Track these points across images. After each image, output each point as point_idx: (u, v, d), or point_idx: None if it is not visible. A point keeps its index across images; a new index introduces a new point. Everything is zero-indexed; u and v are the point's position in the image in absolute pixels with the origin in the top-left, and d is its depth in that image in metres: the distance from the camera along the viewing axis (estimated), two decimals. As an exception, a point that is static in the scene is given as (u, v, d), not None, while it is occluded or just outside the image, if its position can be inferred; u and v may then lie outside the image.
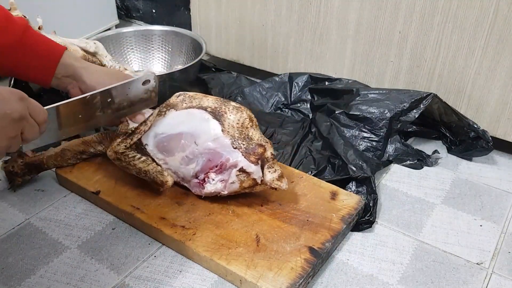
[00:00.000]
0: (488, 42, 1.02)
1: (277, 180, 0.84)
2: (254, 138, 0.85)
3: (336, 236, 0.83)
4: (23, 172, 0.96)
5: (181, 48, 1.35)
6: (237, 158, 0.83)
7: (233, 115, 0.85)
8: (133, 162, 0.86)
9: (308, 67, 1.29)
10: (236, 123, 0.85)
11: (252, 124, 0.86)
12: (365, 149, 1.05)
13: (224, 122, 0.85)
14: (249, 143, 0.84)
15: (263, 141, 0.85)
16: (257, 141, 0.84)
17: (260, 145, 0.84)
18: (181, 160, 0.86)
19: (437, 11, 1.05)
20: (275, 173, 0.84)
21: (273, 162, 0.84)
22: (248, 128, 0.85)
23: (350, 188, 0.96)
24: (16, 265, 0.81)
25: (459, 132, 1.09)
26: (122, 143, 0.87)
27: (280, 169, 0.85)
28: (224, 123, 0.85)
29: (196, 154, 0.86)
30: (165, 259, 0.83)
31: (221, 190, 0.85)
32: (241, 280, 0.76)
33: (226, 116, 0.85)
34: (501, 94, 1.05)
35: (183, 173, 0.87)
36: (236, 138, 0.84)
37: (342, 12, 1.17)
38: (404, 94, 1.08)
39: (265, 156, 0.83)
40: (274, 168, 0.84)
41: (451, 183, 1.03)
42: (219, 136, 0.84)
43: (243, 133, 0.85)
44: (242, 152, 0.83)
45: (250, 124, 0.86)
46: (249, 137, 0.85)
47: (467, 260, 0.84)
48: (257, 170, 0.83)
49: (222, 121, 0.85)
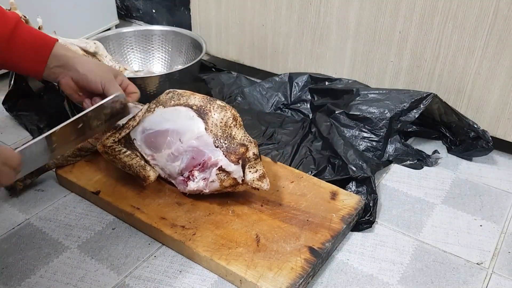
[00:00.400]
0: (488, 42, 1.02)
1: (258, 180, 0.83)
2: (237, 137, 0.84)
3: (336, 236, 0.83)
4: (25, 176, 0.95)
5: (181, 48, 1.35)
6: (218, 157, 0.83)
7: (217, 114, 0.85)
8: (119, 156, 0.88)
9: (308, 67, 1.29)
10: (219, 121, 0.85)
11: (236, 123, 0.85)
12: (365, 149, 1.05)
13: (208, 121, 0.85)
14: (231, 142, 0.84)
15: (246, 141, 0.84)
16: (239, 140, 0.84)
17: (242, 145, 0.83)
18: (167, 157, 0.87)
19: (437, 11, 1.05)
20: (256, 173, 0.83)
21: (255, 162, 0.84)
22: (232, 127, 0.85)
23: (350, 188, 0.96)
24: (16, 265, 0.81)
25: (459, 132, 1.09)
26: (110, 137, 0.88)
27: (263, 169, 0.85)
28: (208, 122, 0.85)
29: (181, 152, 0.86)
30: (165, 259, 0.83)
31: (203, 188, 0.85)
32: (241, 280, 0.76)
33: (210, 115, 0.85)
34: (501, 94, 1.05)
35: (169, 170, 0.88)
36: (218, 137, 0.84)
37: (342, 12, 1.17)
38: (404, 94, 1.08)
39: (246, 156, 0.83)
40: (255, 168, 0.84)
41: (451, 183, 1.03)
42: (203, 134, 0.85)
43: (226, 132, 0.84)
44: (223, 151, 0.83)
45: (234, 124, 0.85)
46: (232, 136, 0.84)
47: (467, 260, 0.84)
48: (237, 169, 0.82)
49: (206, 119, 0.85)
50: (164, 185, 0.92)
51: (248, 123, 1.16)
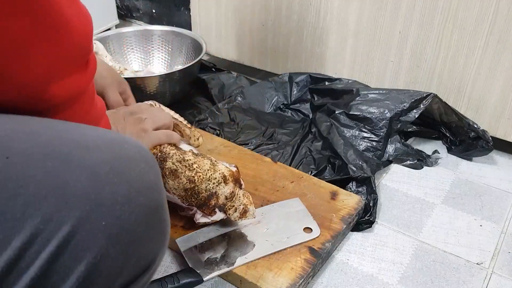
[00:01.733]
0: (488, 42, 1.02)
1: (241, 217, 0.80)
2: (202, 191, 0.78)
3: (336, 236, 0.83)
4: None
5: (181, 48, 1.35)
6: (193, 210, 0.81)
7: (171, 181, 0.78)
8: None
9: (308, 67, 1.29)
10: (177, 186, 0.78)
11: (195, 184, 0.77)
12: (365, 149, 1.05)
13: (166, 185, 0.79)
14: (198, 199, 0.78)
15: (213, 188, 0.78)
16: (206, 193, 0.78)
17: (210, 196, 0.78)
18: None
19: (437, 11, 1.05)
20: (236, 212, 0.80)
21: (232, 201, 0.79)
22: (192, 188, 0.78)
23: (350, 188, 0.96)
24: (16, 265, 0.81)
25: (459, 132, 1.10)
26: None
27: (243, 202, 0.80)
28: (166, 186, 0.79)
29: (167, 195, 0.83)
30: (165, 259, 0.83)
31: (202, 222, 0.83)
32: (241, 280, 0.76)
33: (165, 181, 0.78)
34: (501, 94, 1.05)
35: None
36: (184, 197, 0.79)
37: (342, 12, 1.17)
38: (404, 94, 1.08)
39: (219, 203, 0.79)
40: (234, 207, 0.79)
41: (451, 183, 1.03)
42: (169, 195, 0.80)
43: (188, 192, 0.78)
44: (197, 208, 0.80)
45: (193, 185, 0.77)
46: (197, 192, 0.78)
47: (467, 260, 0.84)
48: (217, 216, 0.80)
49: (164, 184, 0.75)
50: (164, 185, 0.91)
51: (248, 123, 1.16)
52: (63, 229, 0.39)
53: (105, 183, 0.41)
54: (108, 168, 0.42)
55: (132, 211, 0.42)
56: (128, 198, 0.42)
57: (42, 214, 0.38)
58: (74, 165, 0.41)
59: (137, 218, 0.43)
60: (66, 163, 0.41)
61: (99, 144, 0.44)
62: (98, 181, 0.41)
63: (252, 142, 1.10)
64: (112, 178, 0.42)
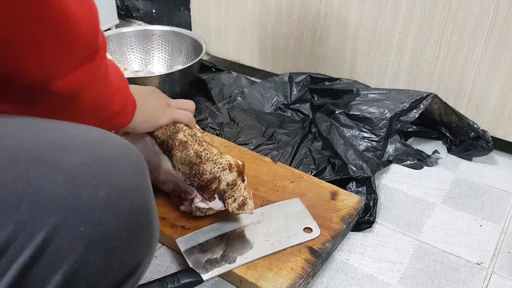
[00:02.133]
0: (488, 42, 1.02)
1: (239, 209, 0.80)
2: (206, 171, 0.78)
3: (336, 236, 0.83)
4: None
5: (181, 48, 1.35)
6: (193, 193, 0.81)
7: (179, 152, 0.78)
8: None
9: (308, 67, 1.29)
10: (183, 160, 0.79)
11: (201, 159, 0.78)
12: (365, 149, 1.05)
13: (173, 159, 0.80)
14: (201, 180, 0.79)
15: (217, 172, 0.79)
16: (210, 174, 0.78)
17: (213, 179, 0.78)
18: (154, 180, 0.83)
19: (437, 11, 1.05)
20: (235, 202, 0.80)
21: (232, 190, 0.79)
22: (198, 164, 0.78)
23: (350, 188, 0.95)
24: (16, 265, 0.81)
25: (459, 132, 1.10)
26: None
27: (243, 194, 0.80)
28: (173, 160, 0.80)
29: (163, 180, 0.85)
30: (165, 259, 0.83)
31: (193, 212, 0.84)
32: (241, 280, 0.76)
33: (174, 153, 0.79)
34: (501, 94, 1.05)
35: (161, 188, 0.88)
36: (187, 175, 0.79)
37: (342, 12, 1.17)
38: (404, 94, 1.08)
39: (220, 189, 0.79)
40: (234, 197, 0.80)
41: (451, 183, 1.03)
42: (172, 172, 0.81)
43: (193, 169, 0.79)
44: (196, 189, 0.80)
45: (199, 161, 0.78)
46: (201, 172, 0.78)
47: (467, 260, 0.84)
48: (214, 204, 0.80)
49: (170, 157, 0.80)
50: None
51: (248, 123, 1.16)
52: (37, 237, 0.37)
53: (83, 186, 0.40)
54: (86, 170, 0.40)
55: (113, 215, 0.40)
56: (108, 201, 0.40)
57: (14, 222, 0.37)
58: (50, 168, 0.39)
59: (118, 222, 0.41)
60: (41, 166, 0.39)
61: (77, 144, 0.42)
62: (76, 185, 0.39)
63: (252, 142, 1.10)
64: (91, 181, 0.40)
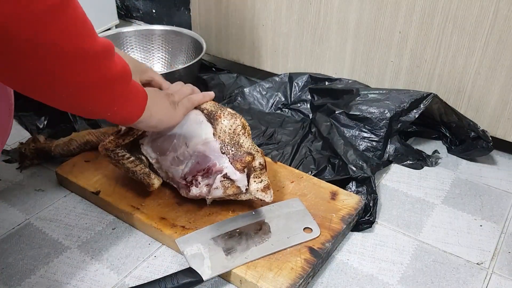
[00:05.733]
0: (488, 42, 1.02)
1: (262, 191, 0.82)
2: (244, 146, 0.83)
3: (336, 236, 0.83)
4: (33, 156, 1.02)
5: (181, 48, 1.35)
6: (223, 164, 0.82)
7: (227, 120, 0.83)
8: (122, 161, 0.87)
9: (308, 67, 1.29)
10: (228, 128, 0.83)
11: (245, 132, 0.84)
12: (365, 149, 1.05)
13: (217, 126, 0.84)
14: (238, 150, 0.82)
15: (253, 150, 0.83)
16: (246, 149, 0.82)
17: (249, 154, 0.82)
18: (171, 160, 0.86)
19: (437, 11, 1.05)
20: (260, 183, 0.82)
21: (261, 172, 0.83)
22: (240, 135, 0.83)
23: (350, 188, 0.96)
24: (16, 265, 0.81)
25: (459, 132, 1.10)
26: (113, 141, 0.87)
27: (268, 180, 0.83)
28: (216, 127, 0.84)
29: (186, 156, 0.85)
30: (165, 259, 0.83)
31: (205, 194, 0.84)
32: (241, 280, 0.76)
33: (220, 121, 0.83)
34: (501, 94, 1.05)
35: (172, 173, 0.87)
36: (225, 144, 0.83)
37: (342, 12, 1.17)
38: (404, 94, 1.08)
39: (252, 165, 0.82)
40: (260, 179, 0.82)
41: (451, 183, 1.03)
42: (210, 140, 0.83)
43: (233, 139, 0.83)
44: (230, 158, 0.82)
45: (243, 132, 0.84)
46: (240, 144, 0.83)
47: (467, 260, 0.84)
48: (241, 178, 0.81)
49: (215, 125, 0.84)
50: (164, 185, 0.92)
51: (248, 123, 1.16)
52: None
53: None
54: None
55: None
56: None
57: None
58: None
59: None
60: None
61: None
62: None
63: (252, 142, 1.10)
64: None
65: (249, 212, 0.86)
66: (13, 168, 1.03)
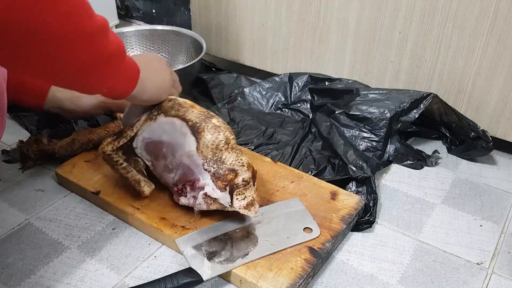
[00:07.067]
0: (488, 42, 1.02)
1: (245, 208, 0.80)
2: (227, 162, 0.81)
3: (336, 236, 0.83)
4: (36, 158, 1.02)
5: (181, 48, 1.35)
6: (205, 180, 0.81)
7: (210, 135, 0.81)
8: (116, 166, 0.88)
9: (308, 67, 1.29)
10: (211, 144, 0.81)
11: (228, 146, 0.82)
12: (365, 149, 1.05)
13: (200, 141, 0.82)
14: (220, 167, 0.80)
15: (237, 166, 0.81)
16: (229, 165, 0.81)
17: (231, 170, 0.80)
18: (163, 167, 0.87)
19: (437, 11, 1.05)
20: (243, 200, 0.80)
21: (245, 188, 0.81)
22: (222, 151, 0.81)
23: (350, 188, 0.96)
24: (16, 265, 0.81)
25: (459, 132, 1.10)
26: (110, 144, 0.88)
27: (253, 195, 0.81)
28: (199, 141, 0.82)
29: (174, 166, 0.85)
30: (165, 259, 0.83)
31: (192, 205, 0.84)
32: (241, 280, 0.76)
33: (203, 135, 0.82)
34: (501, 94, 1.05)
35: (165, 179, 0.88)
36: (208, 160, 0.81)
37: (342, 12, 1.17)
38: (404, 94, 1.08)
39: (235, 182, 0.80)
40: (244, 195, 0.81)
41: (451, 183, 1.03)
42: (193, 154, 0.82)
43: (216, 155, 0.81)
44: (211, 176, 0.81)
45: (225, 147, 0.82)
46: (222, 160, 0.81)
47: (467, 260, 0.84)
48: (223, 196, 0.80)
49: (198, 139, 0.82)
50: (164, 185, 0.92)
51: (248, 123, 1.16)
52: None
53: None
54: None
55: None
56: None
57: None
58: None
59: None
60: None
61: None
62: None
63: (252, 142, 1.10)
64: None
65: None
66: (13, 168, 1.03)
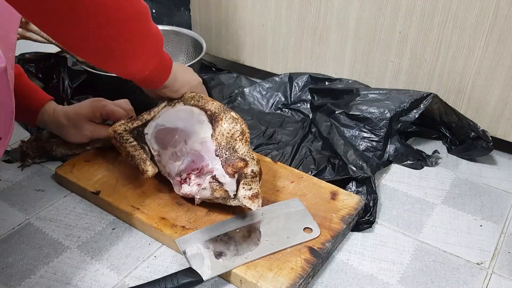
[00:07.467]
0: (488, 42, 1.02)
1: (249, 199, 0.81)
2: (239, 151, 0.83)
3: (336, 236, 0.83)
4: (34, 155, 1.02)
5: (181, 48, 1.35)
6: (215, 165, 0.83)
7: (227, 124, 0.85)
8: (125, 144, 0.89)
9: (308, 67, 1.29)
10: (227, 132, 0.84)
11: (242, 138, 0.84)
12: (365, 149, 1.05)
13: (216, 129, 0.85)
14: (232, 155, 0.83)
15: (248, 157, 0.82)
16: (241, 155, 0.82)
17: (242, 159, 0.82)
18: (170, 155, 0.88)
19: (437, 11, 1.05)
20: (249, 191, 0.81)
21: (252, 180, 0.82)
22: (237, 141, 0.84)
23: (350, 188, 0.96)
24: (16, 265, 0.81)
25: (459, 132, 1.10)
26: (122, 125, 0.91)
27: (258, 189, 0.82)
28: (216, 129, 0.85)
29: (183, 153, 0.87)
30: (165, 259, 0.83)
31: (195, 193, 0.84)
32: (241, 280, 0.76)
33: (220, 123, 0.85)
34: (501, 94, 1.05)
35: (169, 168, 0.88)
36: (221, 146, 0.84)
37: (342, 12, 1.17)
38: (404, 94, 1.08)
39: (244, 171, 0.81)
40: (250, 186, 0.81)
41: (451, 183, 1.03)
42: (207, 140, 0.85)
43: (230, 143, 0.84)
44: (222, 161, 0.82)
45: (240, 138, 0.84)
46: (235, 149, 0.83)
47: (467, 260, 0.84)
48: (230, 182, 0.81)
49: (215, 127, 0.85)
50: (164, 185, 0.92)
51: (248, 123, 1.16)
52: None
53: None
54: None
55: None
56: None
57: None
58: None
59: None
60: None
61: None
62: None
63: (252, 142, 1.10)
64: None
65: (249, 212, 0.86)
66: (13, 168, 1.03)
